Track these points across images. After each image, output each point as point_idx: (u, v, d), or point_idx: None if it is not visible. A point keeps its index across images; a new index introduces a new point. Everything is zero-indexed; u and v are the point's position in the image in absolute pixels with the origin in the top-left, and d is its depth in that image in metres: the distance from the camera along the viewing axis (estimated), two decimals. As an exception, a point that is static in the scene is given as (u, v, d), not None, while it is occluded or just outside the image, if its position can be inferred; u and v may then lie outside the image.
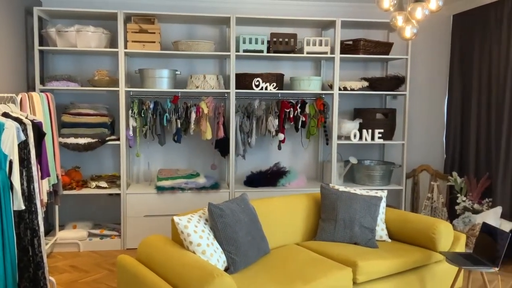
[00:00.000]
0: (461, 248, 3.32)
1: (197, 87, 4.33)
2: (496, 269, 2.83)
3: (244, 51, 4.38)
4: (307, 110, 4.60)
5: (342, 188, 3.53)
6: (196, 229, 2.64)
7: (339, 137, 4.69)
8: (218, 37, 4.73)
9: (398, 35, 3.16)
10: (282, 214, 3.28)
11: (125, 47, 4.23)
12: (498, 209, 4.24)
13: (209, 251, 2.61)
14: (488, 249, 2.95)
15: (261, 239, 2.96)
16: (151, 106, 4.32)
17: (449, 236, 3.21)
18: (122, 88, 4.25)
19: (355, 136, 4.59)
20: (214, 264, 2.59)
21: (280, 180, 4.60)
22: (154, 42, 4.26)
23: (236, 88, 4.43)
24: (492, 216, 4.17)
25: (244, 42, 4.37)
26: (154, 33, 4.25)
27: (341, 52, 4.56)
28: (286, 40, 4.45)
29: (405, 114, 4.69)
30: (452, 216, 4.79)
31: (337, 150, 4.91)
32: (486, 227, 3.05)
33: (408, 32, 3.10)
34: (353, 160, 4.74)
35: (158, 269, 2.54)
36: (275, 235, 3.21)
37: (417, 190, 5.02)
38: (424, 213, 4.80)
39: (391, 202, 5.08)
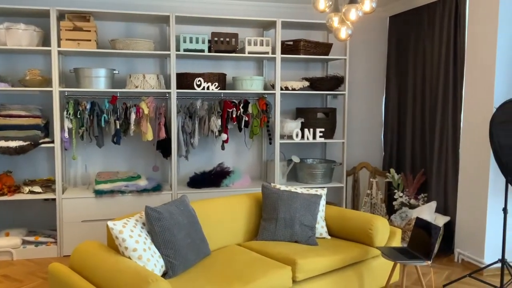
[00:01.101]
0: (397, 242, 3.43)
1: (136, 86, 4.23)
2: (429, 262, 2.94)
3: (185, 50, 4.32)
4: (250, 110, 4.61)
5: (283, 187, 3.56)
6: (131, 234, 2.57)
7: (282, 137, 4.73)
8: (158, 35, 4.64)
9: (334, 36, 3.22)
10: (223, 215, 3.26)
11: (59, 46, 4.05)
12: (433, 204, 4.43)
13: (146, 256, 2.54)
14: (421, 243, 3.07)
15: (201, 241, 2.92)
16: (88, 106, 4.16)
17: (385, 232, 3.31)
18: (56, 88, 4.07)
19: (297, 135, 4.64)
20: (151, 269, 2.52)
21: (224, 181, 4.58)
22: (89, 40, 4.11)
23: (178, 88, 4.36)
24: (427, 211, 4.35)
25: (184, 41, 4.31)
26: (89, 31, 4.10)
27: (282, 52, 4.60)
28: (227, 39, 4.43)
29: (344, 113, 4.80)
30: (390, 211, 4.96)
31: (280, 150, 4.96)
32: (419, 222, 3.17)
33: (343, 33, 3.17)
34: (296, 159, 4.79)
35: (91, 277, 2.44)
36: (216, 236, 3.19)
37: (357, 187, 5.16)
38: (364, 209, 4.94)
39: (333, 200, 5.19)
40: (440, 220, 4.29)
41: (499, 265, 3.63)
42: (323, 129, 4.72)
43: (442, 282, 3.71)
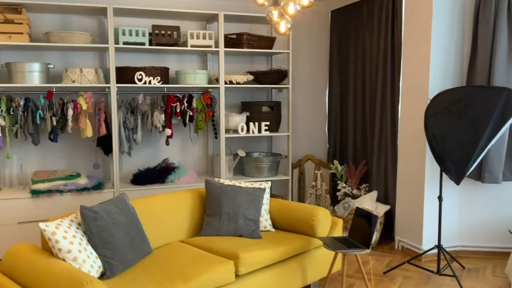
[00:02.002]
0: (339, 232, 3.51)
1: (73, 81, 4.06)
2: (368, 250, 3.02)
3: (124, 43, 4.20)
4: (194, 104, 4.55)
5: (227, 182, 3.54)
6: (65, 235, 2.47)
7: (227, 131, 4.71)
8: (96, 28, 4.48)
9: (274, 30, 3.23)
10: (165, 212, 3.20)
11: (-13, 39, 3.82)
12: (374, 193, 4.57)
13: (82, 257, 2.45)
14: (361, 232, 3.15)
15: (142, 240, 2.86)
16: (22, 103, 3.96)
17: (327, 222, 3.37)
18: (-14, 84, 3.84)
19: (242, 129, 4.64)
20: (88, 271, 2.44)
21: (169, 177, 4.50)
22: (22, 33, 3.90)
23: (118, 82, 4.23)
24: (369, 200, 4.48)
25: (123, 34, 4.18)
26: (21, 23, 3.89)
27: (226, 46, 4.57)
28: (169, 32, 4.34)
29: (289, 106, 4.84)
30: (334, 202, 5.07)
31: (226, 144, 4.94)
32: (359, 212, 3.25)
33: (283, 27, 3.18)
34: (241, 153, 4.79)
35: (23, 281, 2.33)
36: (158, 234, 3.13)
37: (303, 179, 5.23)
38: (309, 201, 5.02)
39: (279, 192, 5.24)
40: (381, 209, 4.43)
41: (436, 251, 3.79)
42: (268, 123, 4.74)
43: (383, 269, 3.83)
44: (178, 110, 4.45)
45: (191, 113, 4.52)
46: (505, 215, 4.07)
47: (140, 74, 4.22)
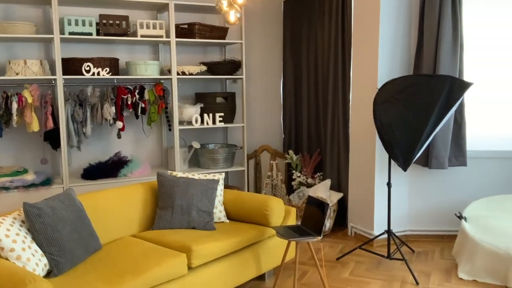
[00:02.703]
0: (292, 221, 3.55)
1: (17, 73, 3.89)
2: (320, 238, 3.07)
3: (70, 33, 4.05)
4: (146, 96, 4.46)
5: (180, 174, 3.50)
6: (8, 233, 2.37)
7: (181, 123, 4.65)
8: (41, 18, 4.29)
9: (224, 20, 3.20)
10: (115, 206, 3.14)
11: None
12: (328, 182, 4.65)
13: (26, 256, 2.37)
14: (313, 220, 3.19)
15: (90, 236, 2.79)
16: (-40, 96, 3.76)
17: (280, 211, 3.40)
18: None
19: (196, 120, 4.59)
20: (32, 269, 2.36)
21: (121, 170, 4.40)
22: (-42, 22, 3.69)
23: (65, 74, 4.08)
24: (323, 188, 4.55)
25: (69, 24, 4.03)
26: (-43, 12, 3.68)
27: (177, 36, 4.50)
28: (117, 22, 4.22)
29: (243, 97, 4.83)
30: (290, 191, 5.12)
31: (181, 136, 4.88)
32: (311, 200, 3.29)
33: (232, 16, 3.16)
34: (196, 145, 4.75)
35: (-38, 284, 2.23)
36: (108, 229, 3.06)
37: (259, 170, 5.25)
38: (265, 191, 5.05)
39: (235, 183, 5.24)
40: (334, 197, 4.52)
41: (386, 235, 3.90)
42: (222, 114, 4.71)
43: (336, 255, 3.91)
44: (129, 102, 4.35)
45: (143, 105, 4.43)
46: (451, 199, 4.23)
47: (88, 66, 4.09)
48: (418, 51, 4.00)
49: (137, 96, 4.40)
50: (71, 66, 4.10)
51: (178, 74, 4.48)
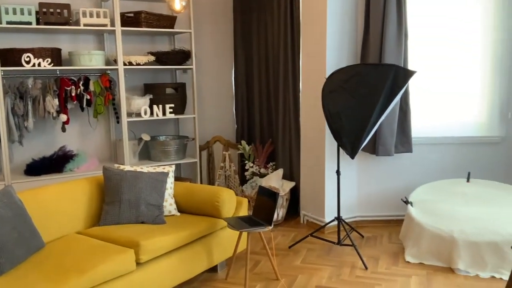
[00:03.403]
0: (244, 211, 3.54)
1: None
2: (270, 227, 3.08)
3: (8, 23, 3.83)
4: (91, 87, 4.31)
5: (127, 168, 3.41)
6: None
7: (130, 114, 4.53)
8: (-26, 6, 4.04)
9: (169, 8, 3.11)
10: (58, 203, 3.02)
11: None
12: (280, 171, 4.67)
13: (-41, 259, 2.23)
14: (264, 210, 3.20)
15: (32, 234, 2.67)
16: None
17: (231, 203, 3.39)
18: None
19: (145, 112, 4.48)
20: (-34, 272, 2.23)
21: (67, 165, 4.25)
22: None
23: (3, 66, 3.87)
24: (275, 178, 4.57)
25: (7, 13, 3.82)
26: None
27: (123, 25, 4.36)
28: (58, 11, 4.04)
29: (193, 87, 4.76)
30: (243, 182, 5.12)
31: (130, 128, 4.76)
32: (261, 190, 3.29)
33: (177, 4, 3.09)
34: (146, 137, 4.64)
35: None
36: (52, 226, 2.94)
37: (212, 161, 5.21)
38: (218, 182, 5.02)
39: (188, 175, 5.18)
40: (287, 186, 4.55)
41: (336, 222, 3.97)
42: (173, 105, 4.63)
43: (289, 244, 3.95)
44: (73, 94, 4.18)
45: (88, 97, 4.28)
46: (398, 185, 4.36)
47: (28, 56, 3.89)
48: (365, 41, 4.07)
49: (82, 88, 4.24)
50: (10, 57, 3.89)
51: (124, 64, 4.35)
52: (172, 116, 4.61)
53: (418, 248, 3.57)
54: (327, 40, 4.01)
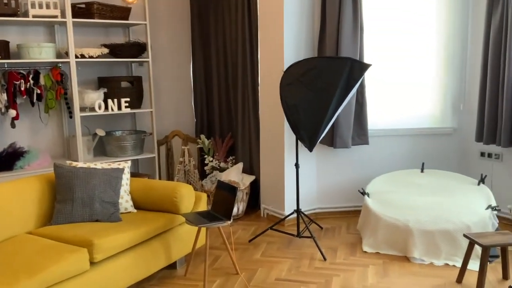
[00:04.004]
0: (203, 206, 3.50)
1: None
2: (229, 222, 3.06)
3: None
4: (42, 81, 4.13)
5: (80, 165, 3.30)
6: None
7: (83, 109, 4.38)
8: None
9: (121, -1, 3.01)
10: (6, 202, 2.87)
11: None
12: (240, 165, 4.65)
13: None
14: (223, 204, 3.17)
15: (-23, 236, 2.53)
16: None
17: (190, 198, 3.34)
18: None
19: (100, 106, 4.35)
20: None
21: (17, 163, 4.06)
22: None
23: None
24: (235, 172, 4.55)
25: None
26: None
27: (74, 16, 4.20)
28: (5, 1, 3.83)
29: (150, 81, 4.65)
30: (203, 176, 5.07)
31: (84, 123, 4.61)
32: (220, 184, 3.26)
33: (130, -4, 2.98)
34: (101, 132, 4.51)
35: None
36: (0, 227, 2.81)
37: (171, 156, 5.12)
38: (178, 177, 4.95)
39: (146, 171, 5.08)
40: (247, 180, 4.54)
41: (296, 215, 3.99)
42: (128, 99, 4.51)
43: (249, 238, 3.94)
44: (22, 88, 4.00)
45: (38, 91, 4.10)
46: (356, 176, 4.43)
47: (-29, 48, 3.69)
48: (321, 35, 4.09)
49: (32, 82, 4.06)
50: (-49, 49, 3.67)
51: (76, 57, 4.20)
52: (128, 110, 4.49)
53: (375, 238, 3.64)
54: (285, 33, 4.00)
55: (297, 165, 3.71)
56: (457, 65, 4.45)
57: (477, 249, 3.32)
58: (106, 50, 4.39)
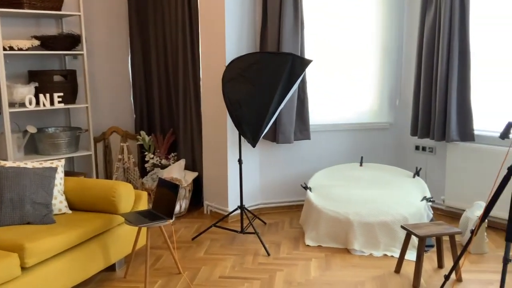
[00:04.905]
0: (144, 205, 3.39)
1: None
2: (171, 220, 2.98)
3: None
4: (-36, 74, 3.82)
5: (9, 164, 3.07)
6: None
7: (13, 105, 4.10)
8: None
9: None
10: None
11: None
12: (182, 162, 4.56)
13: None
14: (165, 202, 3.08)
15: None
16: None
17: (129, 197, 3.22)
18: None
19: (30, 102, 4.09)
20: None
21: None
22: None
23: None
24: (177, 169, 4.45)
25: None
26: None
27: (2, 6, 3.91)
28: None
29: (85, 75, 4.44)
30: (144, 174, 4.93)
31: (14, 120, 4.33)
32: (162, 182, 3.17)
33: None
34: (32, 129, 4.24)
35: None
36: None
37: (109, 153, 4.93)
38: (116, 176, 4.77)
39: (83, 170, 4.85)
40: (189, 177, 4.46)
41: (239, 211, 3.97)
42: (62, 94, 4.27)
43: (192, 236, 3.87)
44: None
45: (-40, 85, 3.79)
46: (298, 171, 4.48)
47: None
48: (263, 30, 4.08)
49: (-48, 75, 3.74)
50: None
51: (4, 49, 3.92)
52: (62, 106, 4.26)
53: (317, 232, 3.69)
54: (226, 27, 3.95)
55: (240, 161, 3.68)
56: (393, 62, 4.61)
57: (414, 240, 3.46)
58: (37, 42, 4.13)
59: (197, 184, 4.59)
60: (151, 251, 3.57)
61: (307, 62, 3.42)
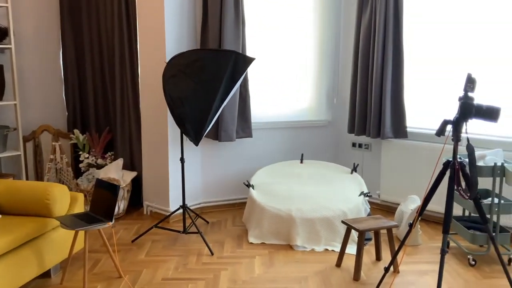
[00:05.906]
0: (80, 208, 3.22)
1: None
2: (111, 223, 2.86)
3: None
4: None
5: None
6: None
7: None
8: None
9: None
10: None
11: None
12: (120, 161, 4.40)
13: None
14: (103, 204, 2.96)
15: None
16: None
17: (65, 199, 3.05)
18: None
19: (-50, 98, 3.76)
20: None
21: None
22: None
23: None
24: (114, 169, 4.28)
25: None
26: None
27: None
28: None
29: (13, 70, 4.15)
30: (78, 174, 4.70)
31: None
32: (99, 183, 3.03)
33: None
34: (-48, 128, 3.91)
35: None
36: None
37: (39, 153, 4.65)
38: (48, 176, 4.51)
39: (11, 171, 4.54)
40: (128, 177, 4.31)
41: (181, 211, 3.90)
42: (-14, 90, 3.97)
43: (132, 237, 3.75)
44: None
45: None
46: (240, 169, 4.48)
47: None
48: (204, 26, 4.03)
49: None
50: None
51: None
52: (-13, 103, 3.96)
53: (260, 229, 3.70)
54: (166, 23, 3.85)
55: (182, 160, 3.61)
56: (331, 61, 4.73)
57: (354, 234, 3.57)
58: (-44, 33, 3.80)
59: (136, 184, 4.45)
60: (89, 254, 3.41)
61: (250, 60, 3.41)
